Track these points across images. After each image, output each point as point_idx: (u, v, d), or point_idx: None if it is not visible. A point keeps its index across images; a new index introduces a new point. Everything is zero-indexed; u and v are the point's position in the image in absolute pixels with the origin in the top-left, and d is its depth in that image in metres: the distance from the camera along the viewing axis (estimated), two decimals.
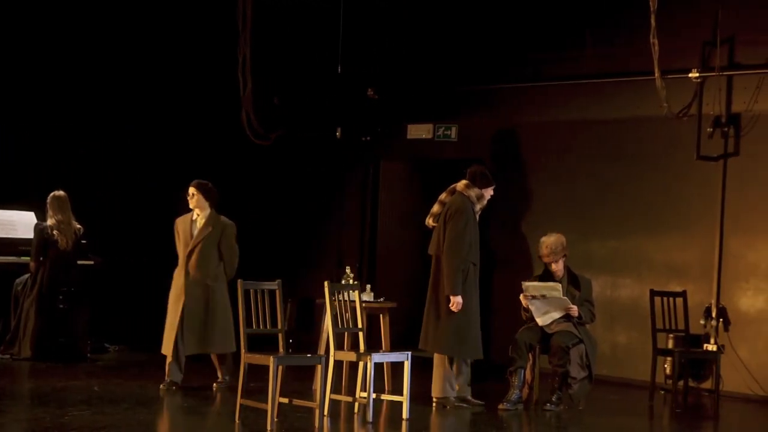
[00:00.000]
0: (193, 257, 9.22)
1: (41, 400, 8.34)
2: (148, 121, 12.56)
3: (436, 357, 8.90)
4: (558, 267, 9.15)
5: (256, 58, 12.14)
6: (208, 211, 9.34)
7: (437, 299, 8.84)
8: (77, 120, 12.17)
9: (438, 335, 8.80)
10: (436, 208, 8.96)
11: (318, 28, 12.72)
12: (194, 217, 9.35)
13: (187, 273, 9.20)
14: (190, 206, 9.31)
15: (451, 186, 9.01)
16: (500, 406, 8.86)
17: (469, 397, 8.97)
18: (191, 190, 9.29)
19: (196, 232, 9.27)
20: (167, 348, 9.13)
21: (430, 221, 8.99)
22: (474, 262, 8.85)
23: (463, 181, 8.95)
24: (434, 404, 8.84)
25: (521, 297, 9.08)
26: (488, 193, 8.98)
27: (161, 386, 9.01)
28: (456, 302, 8.70)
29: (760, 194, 10.36)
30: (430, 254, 9.01)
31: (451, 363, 8.88)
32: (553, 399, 8.96)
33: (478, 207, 8.92)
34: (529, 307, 9.04)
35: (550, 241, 9.13)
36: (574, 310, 8.99)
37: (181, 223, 9.38)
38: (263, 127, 12.48)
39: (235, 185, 13.13)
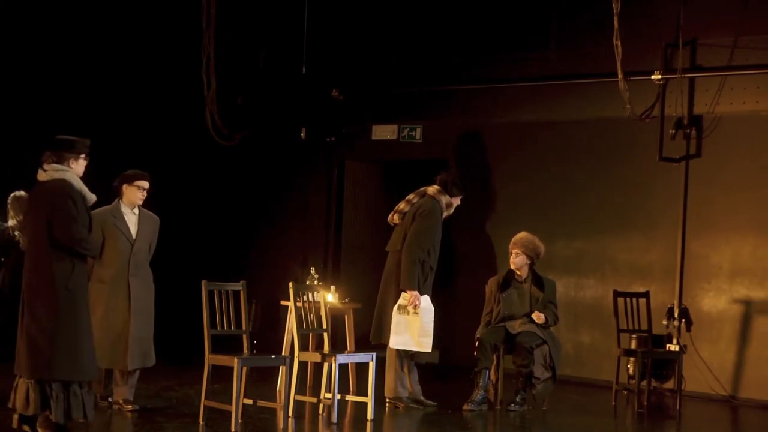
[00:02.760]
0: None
1: (2, 402, 8.25)
2: (111, 122, 12.46)
3: (389, 357, 8.90)
4: (515, 260, 9.15)
5: (220, 57, 12.08)
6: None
7: (392, 295, 8.84)
8: (38, 119, 12.04)
9: (389, 330, 8.80)
10: (402, 205, 8.98)
11: (282, 28, 12.69)
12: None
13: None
14: (140, 203, 8.42)
15: (422, 188, 9.03)
16: (465, 407, 8.88)
17: (421, 398, 8.98)
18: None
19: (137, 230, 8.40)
20: None
21: (394, 218, 9.00)
22: (432, 266, 8.87)
23: (435, 187, 8.98)
24: (387, 404, 8.84)
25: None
26: (456, 201, 9.05)
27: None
28: (413, 295, 8.70)
29: (722, 195, 10.45)
30: (387, 250, 9.02)
31: (402, 363, 8.88)
32: (517, 399, 8.99)
33: (445, 214, 8.97)
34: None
35: (524, 233, 9.19)
36: (541, 317, 9.02)
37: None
38: (227, 127, 12.43)
39: (199, 185, 13.10)
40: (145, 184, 8.33)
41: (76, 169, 6.84)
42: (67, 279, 6.64)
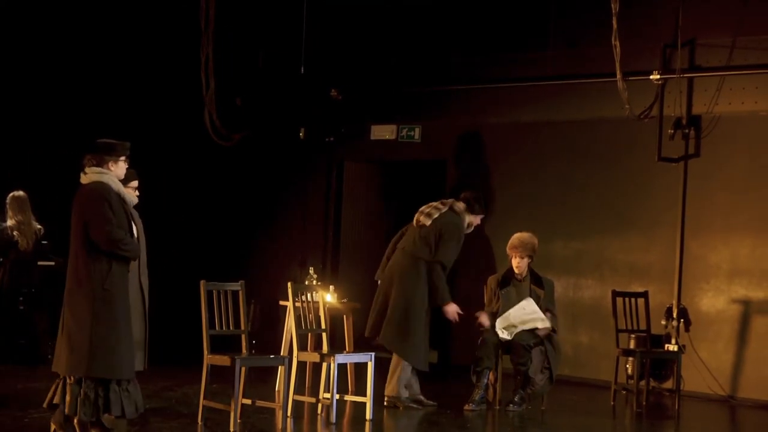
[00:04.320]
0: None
1: (1, 402, 8.26)
2: (110, 122, 12.45)
3: (395, 357, 8.92)
4: (520, 263, 9.17)
5: (219, 58, 12.08)
6: None
7: (404, 299, 8.86)
8: (37, 119, 12.06)
9: (399, 336, 8.81)
10: (433, 212, 8.99)
11: (281, 29, 12.70)
12: None
13: None
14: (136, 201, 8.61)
15: (451, 200, 9.11)
16: (466, 407, 8.88)
17: (421, 397, 8.99)
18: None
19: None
20: None
21: (424, 220, 8.98)
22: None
23: (463, 204, 9.06)
24: (386, 403, 8.85)
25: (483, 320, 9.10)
26: (477, 221, 9.18)
27: None
28: (452, 310, 8.89)
29: (721, 195, 10.45)
30: (397, 248, 9.02)
31: (404, 364, 8.90)
32: (516, 399, 9.00)
33: (465, 232, 9.06)
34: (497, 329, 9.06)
35: (523, 234, 9.21)
36: (546, 329, 9.03)
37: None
38: (226, 127, 12.43)
39: (197, 186, 13.10)
40: (137, 183, 8.27)
41: (115, 171, 6.88)
42: (104, 279, 6.68)
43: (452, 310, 8.93)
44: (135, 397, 6.80)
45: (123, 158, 6.94)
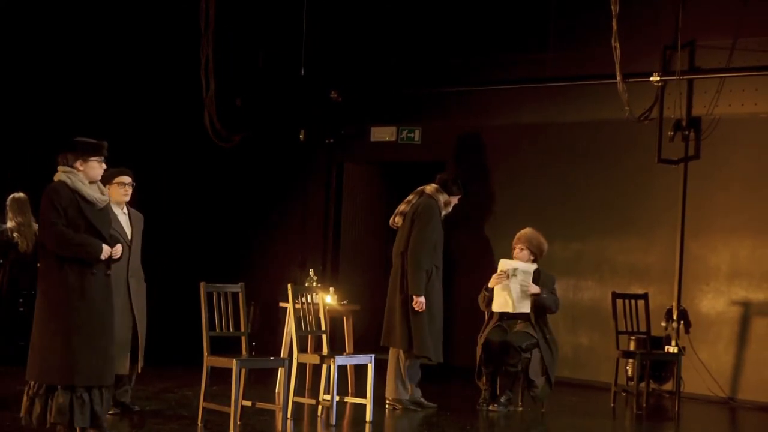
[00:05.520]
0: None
1: (1, 404, 8.25)
2: (110, 123, 12.45)
3: (391, 359, 8.92)
4: (518, 255, 9.10)
5: (219, 59, 12.08)
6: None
7: (399, 298, 8.85)
8: (36, 120, 12.05)
9: (401, 334, 8.81)
10: (403, 207, 9.01)
11: (281, 30, 12.70)
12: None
13: None
14: (127, 199, 8.22)
15: (420, 188, 9.05)
16: (491, 407, 8.85)
17: (422, 399, 8.98)
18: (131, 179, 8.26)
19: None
20: None
21: (397, 220, 9.01)
22: (437, 265, 8.90)
23: (433, 185, 9.00)
24: (387, 406, 8.84)
25: (494, 277, 9.01)
26: (455, 200, 9.07)
27: None
28: (419, 302, 8.73)
29: (721, 197, 10.46)
30: (393, 253, 9.02)
31: (403, 365, 8.89)
32: (502, 400, 8.96)
33: (443, 213, 8.97)
34: (497, 286, 8.97)
35: (528, 229, 9.16)
36: (536, 288, 8.95)
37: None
38: (226, 128, 12.43)
39: (197, 187, 13.10)
40: (126, 179, 8.12)
41: (85, 171, 6.68)
42: (54, 281, 6.50)
43: (418, 303, 8.75)
44: (95, 406, 6.57)
45: (96, 158, 6.72)
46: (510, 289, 8.93)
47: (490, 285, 9.02)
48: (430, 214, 8.85)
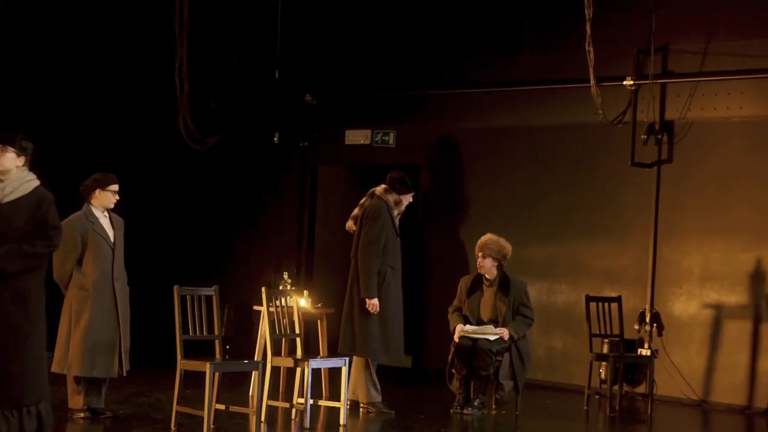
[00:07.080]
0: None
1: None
2: (83, 125, 12.40)
3: (356, 363, 8.88)
4: (481, 263, 9.13)
5: (193, 61, 12.04)
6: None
7: (353, 302, 8.85)
8: (8, 123, 11.97)
9: (359, 339, 8.79)
10: (356, 211, 9.02)
11: (256, 32, 12.67)
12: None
13: None
14: (112, 205, 8.25)
15: (371, 190, 9.06)
16: (465, 411, 8.86)
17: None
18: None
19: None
20: None
21: (351, 224, 9.02)
22: (391, 265, 8.88)
23: (383, 186, 9.01)
24: (361, 409, 8.84)
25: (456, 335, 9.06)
26: (406, 199, 9.03)
27: None
28: (372, 304, 8.72)
29: (693, 201, 10.52)
30: (351, 257, 9.03)
31: (372, 367, 8.88)
32: (476, 404, 8.97)
33: (395, 212, 8.96)
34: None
35: (489, 236, 9.18)
36: (506, 333, 8.98)
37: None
38: (200, 131, 12.39)
39: (171, 190, 13.05)
40: (117, 187, 8.23)
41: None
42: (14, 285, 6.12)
43: (371, 305, 8.73)
44: (25, 425, 6.12)
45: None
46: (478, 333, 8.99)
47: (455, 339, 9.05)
48: (376, 215, 8.84)
